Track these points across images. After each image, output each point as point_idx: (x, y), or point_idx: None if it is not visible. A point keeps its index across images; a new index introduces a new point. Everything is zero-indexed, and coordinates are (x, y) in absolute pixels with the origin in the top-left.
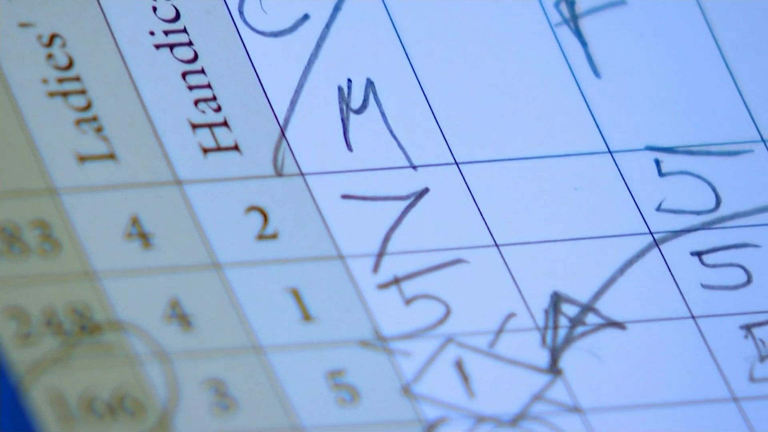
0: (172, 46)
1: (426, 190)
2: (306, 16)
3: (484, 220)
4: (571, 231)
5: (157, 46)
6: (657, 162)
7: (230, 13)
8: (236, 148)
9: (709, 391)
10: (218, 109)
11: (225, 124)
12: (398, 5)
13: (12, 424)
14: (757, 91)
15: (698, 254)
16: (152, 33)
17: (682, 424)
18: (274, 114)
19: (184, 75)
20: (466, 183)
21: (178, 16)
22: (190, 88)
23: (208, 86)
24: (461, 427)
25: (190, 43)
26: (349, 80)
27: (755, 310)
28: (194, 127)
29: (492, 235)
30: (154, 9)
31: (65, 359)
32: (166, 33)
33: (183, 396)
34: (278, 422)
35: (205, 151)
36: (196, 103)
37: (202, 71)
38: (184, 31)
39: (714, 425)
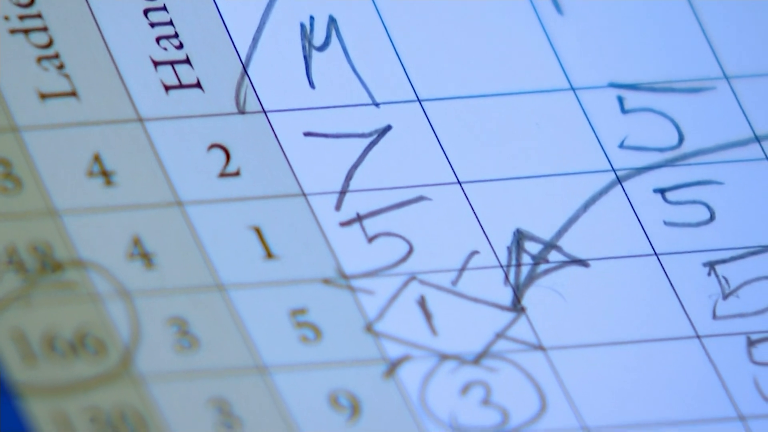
0: None
1: (388, 128)
2: None
3: (446, 157)
4: (533, 168)
5: None
6: (620, 99)
7: None
8: (198, 85)
9: (672, 328)
10: (180, 46)
11: (187, 61)
12: None
13: None
14: (720, 28)
15: (661, 191)
16: None
17: (645, 361)
18: (237, 51)
19: (146, 12)
20: (428, 120)
21: None
22: (152, 25)
23: (170, 23)
24: (424, 365)
25: None
26: (312, 17)
27: (718, 248)
28: (156, 64)
29: (455, 173)
30: None
31: (27, 297)
32: None
33: (145, 334)
34: (241, 360)
35: (167, 88)
36: (158, 40)
37: (164, 8)
38: None
39: (677, 362)
